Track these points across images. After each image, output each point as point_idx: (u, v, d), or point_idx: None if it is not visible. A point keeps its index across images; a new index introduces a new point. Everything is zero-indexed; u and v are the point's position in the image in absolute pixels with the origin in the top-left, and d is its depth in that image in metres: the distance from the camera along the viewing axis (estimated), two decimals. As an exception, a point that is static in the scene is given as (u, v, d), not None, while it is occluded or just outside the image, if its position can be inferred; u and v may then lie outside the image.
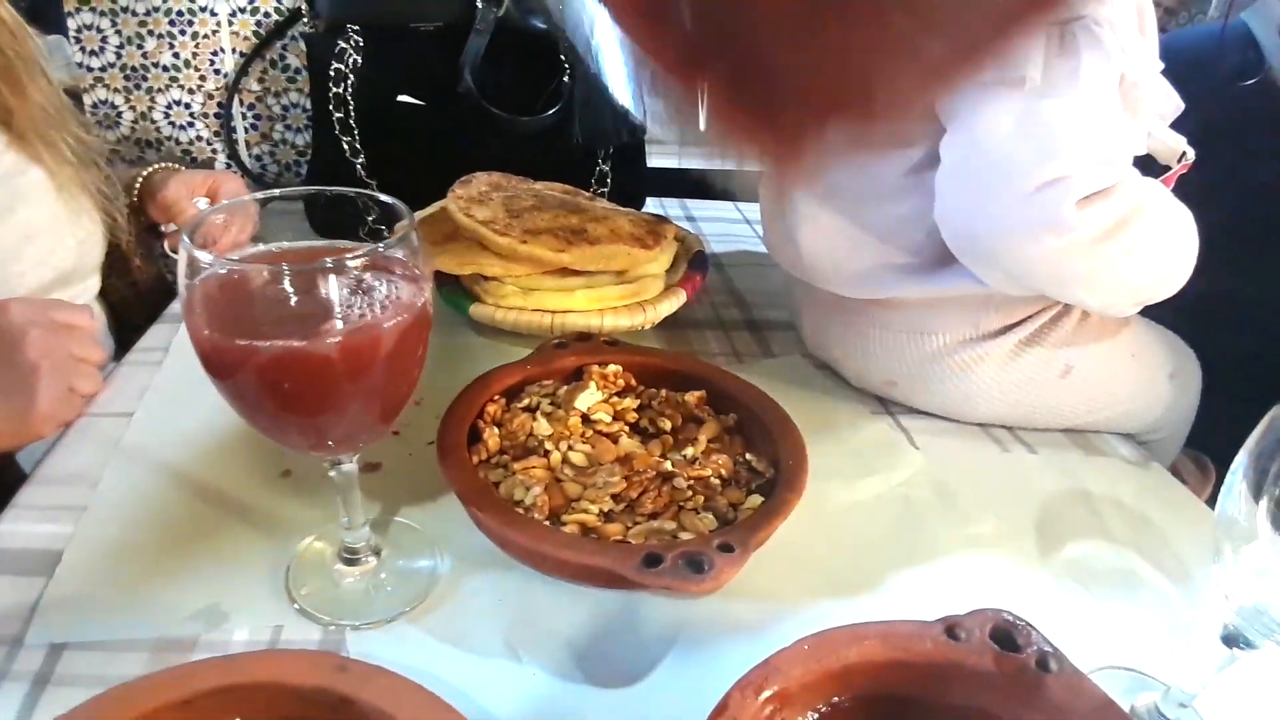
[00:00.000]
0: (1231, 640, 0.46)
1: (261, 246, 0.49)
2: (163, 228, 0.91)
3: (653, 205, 1.19)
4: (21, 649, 0.48)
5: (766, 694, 0.43)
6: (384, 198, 0.47)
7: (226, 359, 0.42)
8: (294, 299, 0.43)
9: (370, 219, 0.93)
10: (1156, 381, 0.78)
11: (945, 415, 0.76)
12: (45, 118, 0.78)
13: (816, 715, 0.45)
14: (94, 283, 0.88)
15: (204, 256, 0.41)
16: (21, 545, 0.55)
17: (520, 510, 0.53)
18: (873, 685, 0.46)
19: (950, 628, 0.47)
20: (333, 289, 0.42)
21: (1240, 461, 0.44)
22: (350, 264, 0.42)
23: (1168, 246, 0.64)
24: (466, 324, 0.80)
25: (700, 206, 1.22)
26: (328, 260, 0.41)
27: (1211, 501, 0.89)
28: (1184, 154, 0.66)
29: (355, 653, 0.49)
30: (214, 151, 1.11)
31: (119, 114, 1.08)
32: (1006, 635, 0.47)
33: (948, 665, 0.46)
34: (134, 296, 0.93)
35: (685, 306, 0.85)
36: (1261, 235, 0.91)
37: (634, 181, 1.05)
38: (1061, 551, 0.63)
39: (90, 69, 1.06)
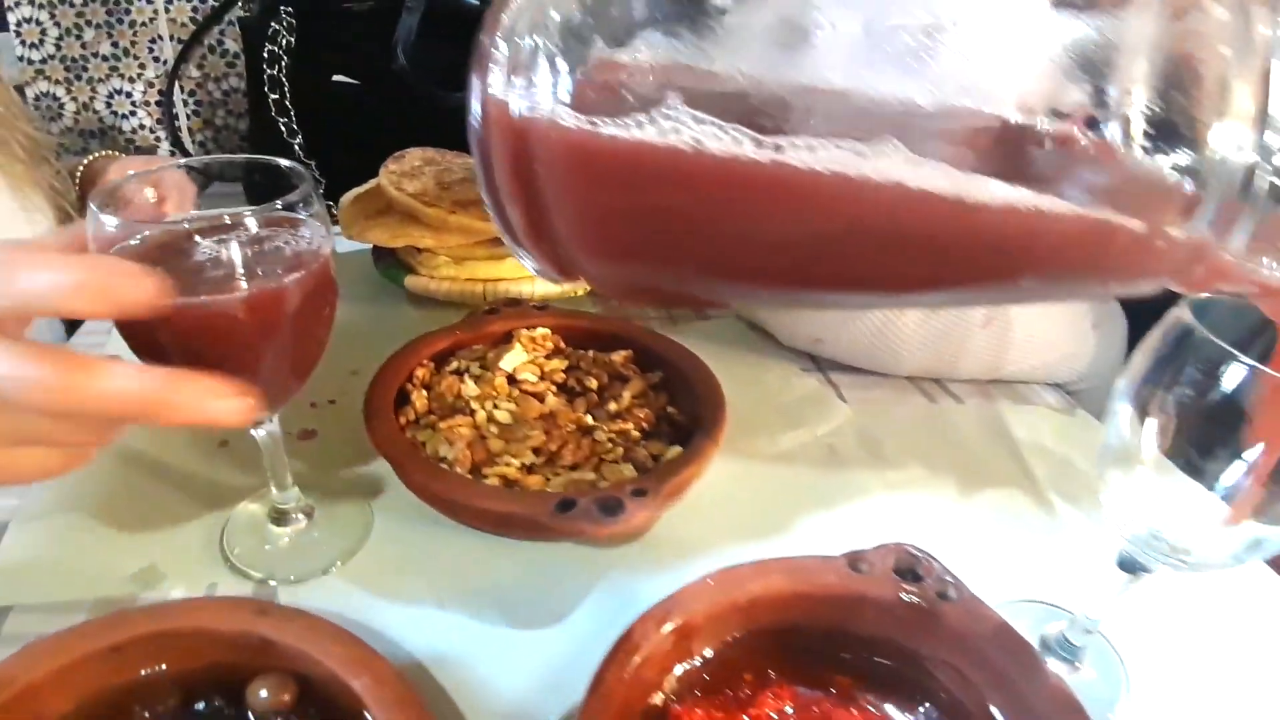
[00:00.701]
0: (1127, 566, 0.48)
1: (173, 216, 0.50)
2: None
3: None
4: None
5: (670, 626, 0.45)
6: (282, 162, 0.48)
7: (136, 322, 0.44)
8: (198, 259, 0.44)
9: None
10: (1080, 330, 0.80)
11: (872, 369, 0.78)
12: None
13: (724, 645, 0.47)
14: None
15: (109, 220, 0.42)
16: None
17: (444, 466, 0.55)
18: (778, 617, 0.48)
19: (854, 561, 0.49)
20: (234, 248, 0.43)
21: (1121, 386, 0.46)
22: (248, 221, 0.43)
23: None
24: (404, 296, 0.81)
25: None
26: (225, 218, 0.43)
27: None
28: None
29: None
30: (157, 139, 1.12)
31: (61, 105, 1.08)
32: (909, 567, 0.49)
33: (851, 597, 0.48)
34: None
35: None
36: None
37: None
38: (982, 493, 0.65)
39: (31, 61, 1.06)
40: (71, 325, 0.85)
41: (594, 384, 0.64)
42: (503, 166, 0.37)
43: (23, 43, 1.03)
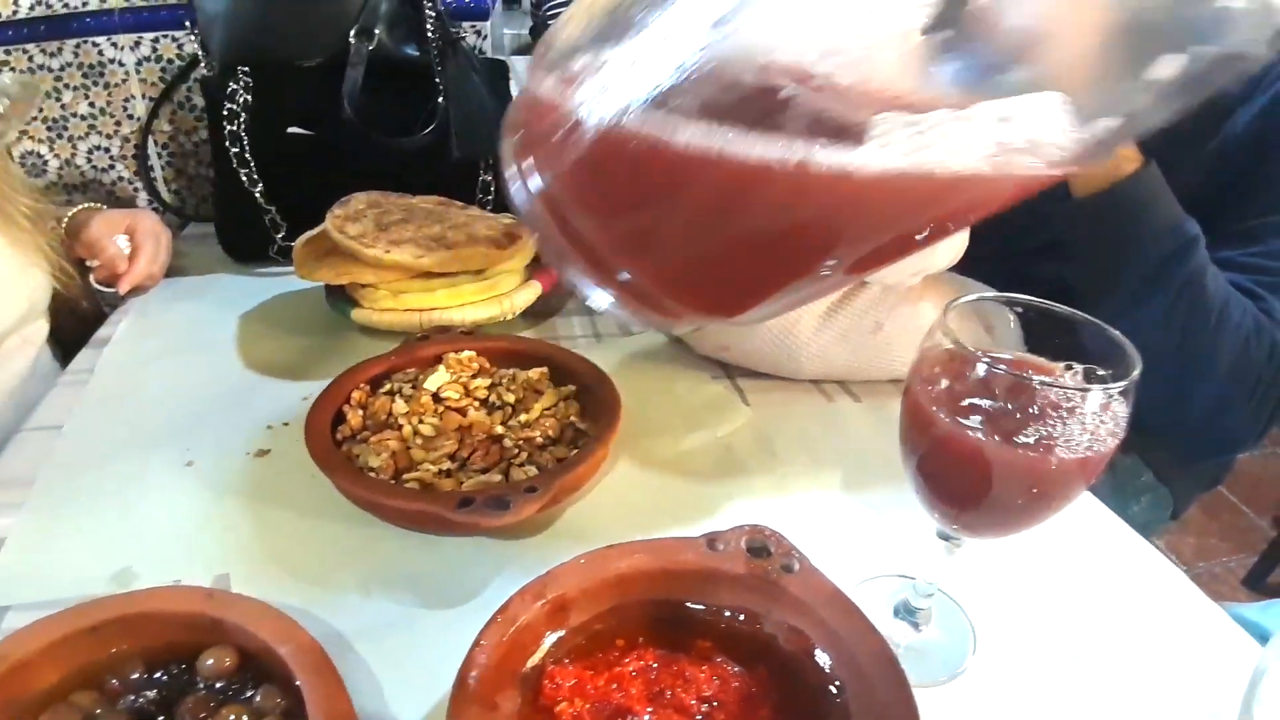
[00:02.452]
0: (942, 536, 0.57)
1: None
2: (88, 263, 1.01)
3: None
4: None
5: (545, 599, 0.53)
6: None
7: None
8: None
9: (279, 237, 1.04)
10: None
11: (776, 374, 0.87)
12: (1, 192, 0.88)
13: (596, 616, 0.56)
14: (42, 324, 0.99)
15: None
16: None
17: (371, 473, 0.64)
18: (646, 591, 0.56)
19: (711, 541, 0.58)
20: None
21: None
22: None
23: None
24: (352, 327, 0.90)
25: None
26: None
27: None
28: None
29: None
30: (135, 189, 1.22)
31: (45, 162, 1.18)
32: (760, 545, 0.58)
33: (708, 572, 0.57)
34: (81, 331, 1.03)
35: (556, 298, 0.96)
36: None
37: (516, 188, 1.15)
38: (863, 482, 0.74)
39: (15, 122, 1.16)
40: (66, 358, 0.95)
41: (511, 398, 0.73)
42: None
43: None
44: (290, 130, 1.03)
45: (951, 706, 0.55)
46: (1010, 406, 0.47)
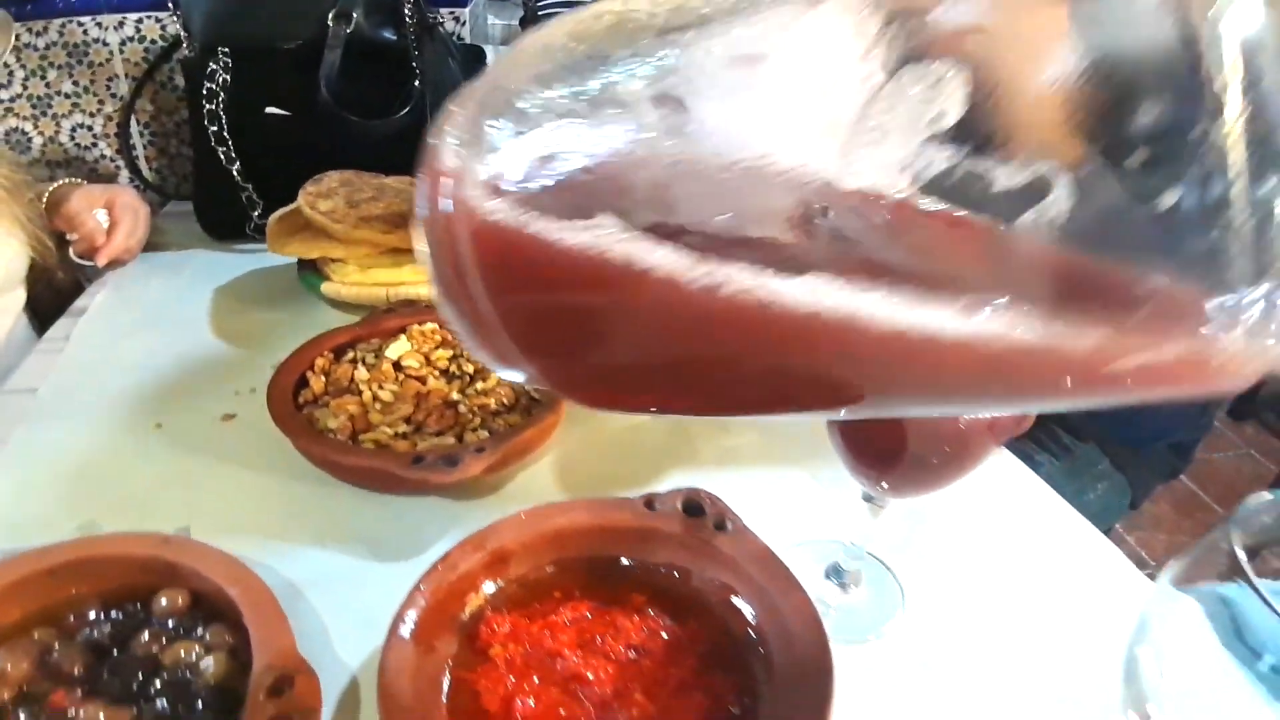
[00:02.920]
0: (867, 498, 0.60)
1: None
2: (67, 236, 1.04)
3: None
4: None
5: (486, 550, 0.56)
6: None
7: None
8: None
9: (255, 215, 1.07)
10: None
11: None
12: None
13: (536, 569, 0.59)
14: (20, 294, 1.01)
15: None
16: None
17: (330, 435, 0.67)
18: (584, 547, 0.59)
19: (649, 501, 0.61)
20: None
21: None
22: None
23: None
24: (323, 301, 0.93)
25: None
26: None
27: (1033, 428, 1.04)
28: None
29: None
30: (117, 167, 1.24)
31: (29, 139, 1.20)
32: (696, 505, 0.61)
33: (644, 530, 0.60)
34: (57, 302, 1.06)
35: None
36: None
37: (490, 171, 1.18)
38: (809, 456, 0.76)
39: (1, 100, 1.18)
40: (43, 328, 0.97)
41: (471, 369, 0.76)
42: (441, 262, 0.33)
43: (-8, 83, 1.15)
44: (268, 111, 1.05)
45: (877, 664, 0.58)
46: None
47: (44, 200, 1.03)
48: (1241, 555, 0.31)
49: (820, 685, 0.48)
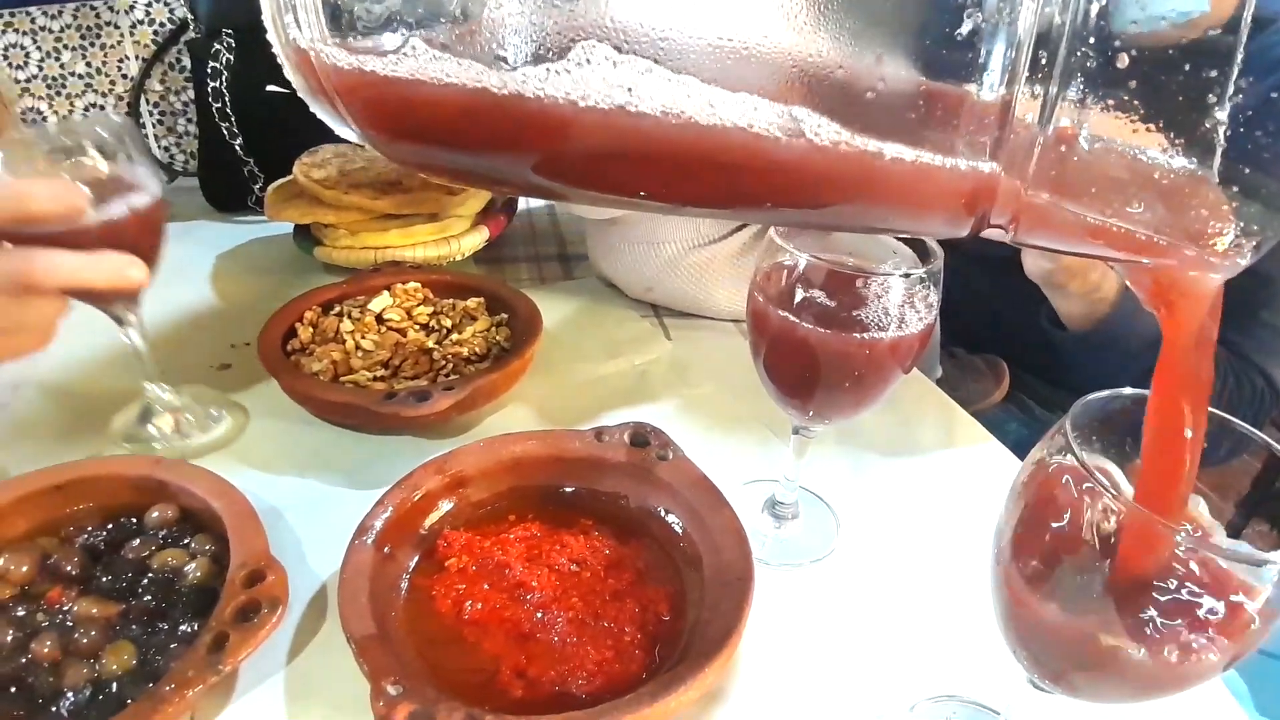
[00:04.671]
0: (796, 430, 0.65)
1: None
2: None
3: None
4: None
5: (446, 475, 0.62)
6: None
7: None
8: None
9: (257, 187, 1.13)
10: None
11: (698, 313, 0.95)
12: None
13: (494, 495, 0.64)
14: None
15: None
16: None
17: (313, 377, 0.73)
18: (538, 475, 0.65)
19: (599, 433, 0.66)
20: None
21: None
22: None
23: None
24: (316, 265, 0.99)
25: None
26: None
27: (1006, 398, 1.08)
28: None
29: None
30: (128, 145, 1.30)
31: (45, 118, 1.27)
32: (642, 438, 0.66)
33: (593, 459, 0.65)
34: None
35: (509, 244, 1.05)
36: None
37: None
38: (761, 406, 0.81)
39: (18, 80, 1.25)
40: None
41: (448, 323, 0.82)
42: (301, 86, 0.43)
43: (10, 65, 1.21)
44: (269, 89, 1.11)
45: (809, 587, 0.63)
46: (832, 301, 0.55)
47: None
48: (1071, 434, 0.37)
49: (740, 589, 0.54)
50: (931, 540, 0.67)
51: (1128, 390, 0.40)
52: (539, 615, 0.55)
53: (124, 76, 1.26)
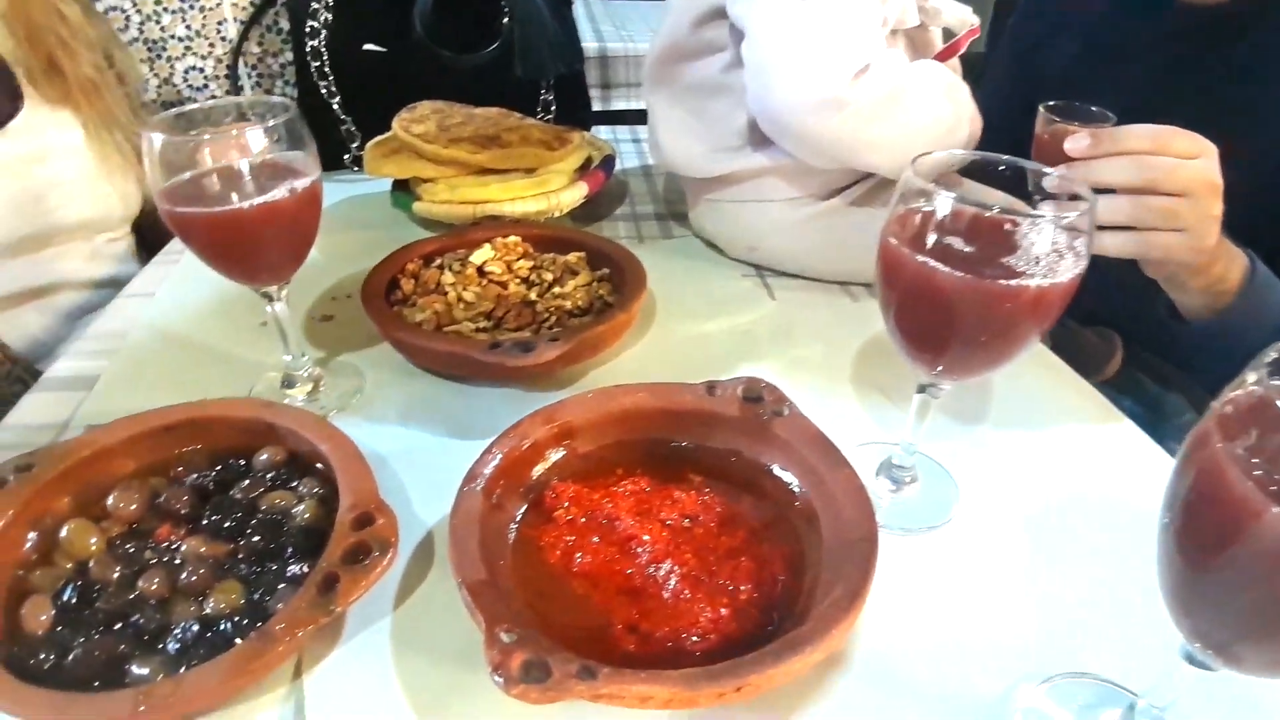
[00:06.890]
0: (921, 388, 0.61)
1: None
2: None
3: (605, 131, 1.37)
4: (66, 429, 0.68)
5: (555, 424, 0.60)
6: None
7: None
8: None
9: (354, 146, 1.13)
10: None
11: (802, 273, 0.92)
12: (90, 87, 0.99)
13: (601, 447, 0.62)
14: (123, 234, 1.09)
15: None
16: (71, 374, 0.76)
17: (416, 326, 0.72)
18: (647, 429, 0.63)
19: (710, 387, 0.64)
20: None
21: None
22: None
23: (940, 110, 0.78)
24: (414, 221, 0.98)
25: (644, 130, 1.39)
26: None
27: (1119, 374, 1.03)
28: (971, 24, 0.81)
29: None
30: (228, 107, 1.31)
31: (145, 81, 1.29)
32: (755, 393, 0.63)
33: (704, 414, 0.63)
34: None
35: (606, 202, 1.03)
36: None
37: (575, 107, 1.22)
38: (873, 367, 0.78)
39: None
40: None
41: (549, 277, 0.80)
42: None
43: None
44: (366, 48, 1.11)
45: (928, 554, 0.60)
46: (972, 246, 0.51)
47: None
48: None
49: (864, 549, 0.51)
50: (1055, 514, 0.63)
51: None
52: (651, 570, 0.53)
53: (223, 39, 1.26)
